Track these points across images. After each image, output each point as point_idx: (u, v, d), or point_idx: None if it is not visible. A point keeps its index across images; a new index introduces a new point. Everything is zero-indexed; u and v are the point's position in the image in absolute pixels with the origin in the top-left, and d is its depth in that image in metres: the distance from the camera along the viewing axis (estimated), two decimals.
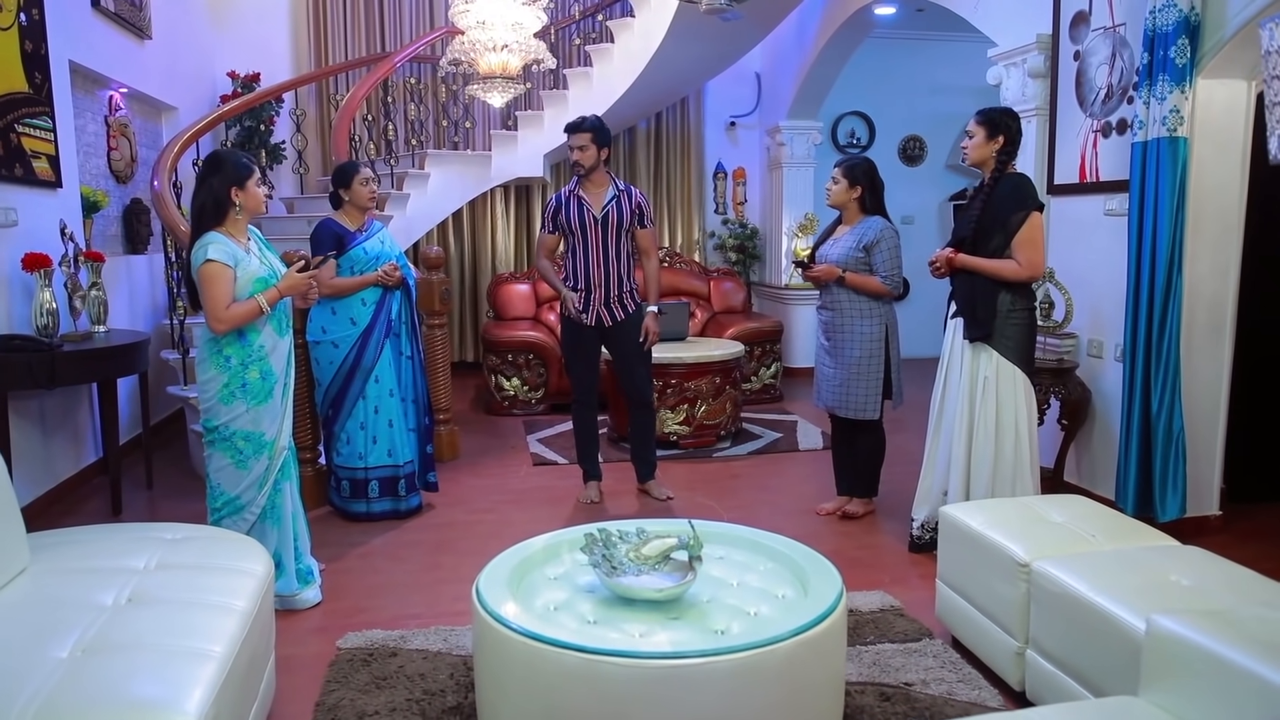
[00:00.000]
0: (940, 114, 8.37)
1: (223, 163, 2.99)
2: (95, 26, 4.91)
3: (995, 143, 3.29)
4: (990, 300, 3.27)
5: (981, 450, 3.35)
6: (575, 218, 4.06)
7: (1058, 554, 2.41)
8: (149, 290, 5.55)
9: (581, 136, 4.00)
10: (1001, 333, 3.29)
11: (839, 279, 3.75)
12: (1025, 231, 3.22)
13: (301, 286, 3.00)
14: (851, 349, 3.81)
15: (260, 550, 2.47)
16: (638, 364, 4.23)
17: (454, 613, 3.10)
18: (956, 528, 2.77)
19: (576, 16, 7.40)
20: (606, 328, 4.15)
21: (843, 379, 3.84)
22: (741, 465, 5.06)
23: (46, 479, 4.29)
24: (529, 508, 4.32)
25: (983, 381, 3.32)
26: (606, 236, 4.06)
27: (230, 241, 2.95)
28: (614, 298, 4.12)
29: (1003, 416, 3.31)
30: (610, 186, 4.11)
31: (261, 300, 2.93)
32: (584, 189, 4.09)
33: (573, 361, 4.26)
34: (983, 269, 3.28)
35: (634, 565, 2.26)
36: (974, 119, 3.35)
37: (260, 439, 3.03)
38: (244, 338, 2.98)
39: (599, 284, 4.09)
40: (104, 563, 2.27)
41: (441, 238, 7.70)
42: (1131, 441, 3.61)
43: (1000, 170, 3.31)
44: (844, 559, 3.54)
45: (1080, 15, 4.05)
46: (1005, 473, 3.34)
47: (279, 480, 3.09)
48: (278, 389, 3.05)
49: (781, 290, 7.70)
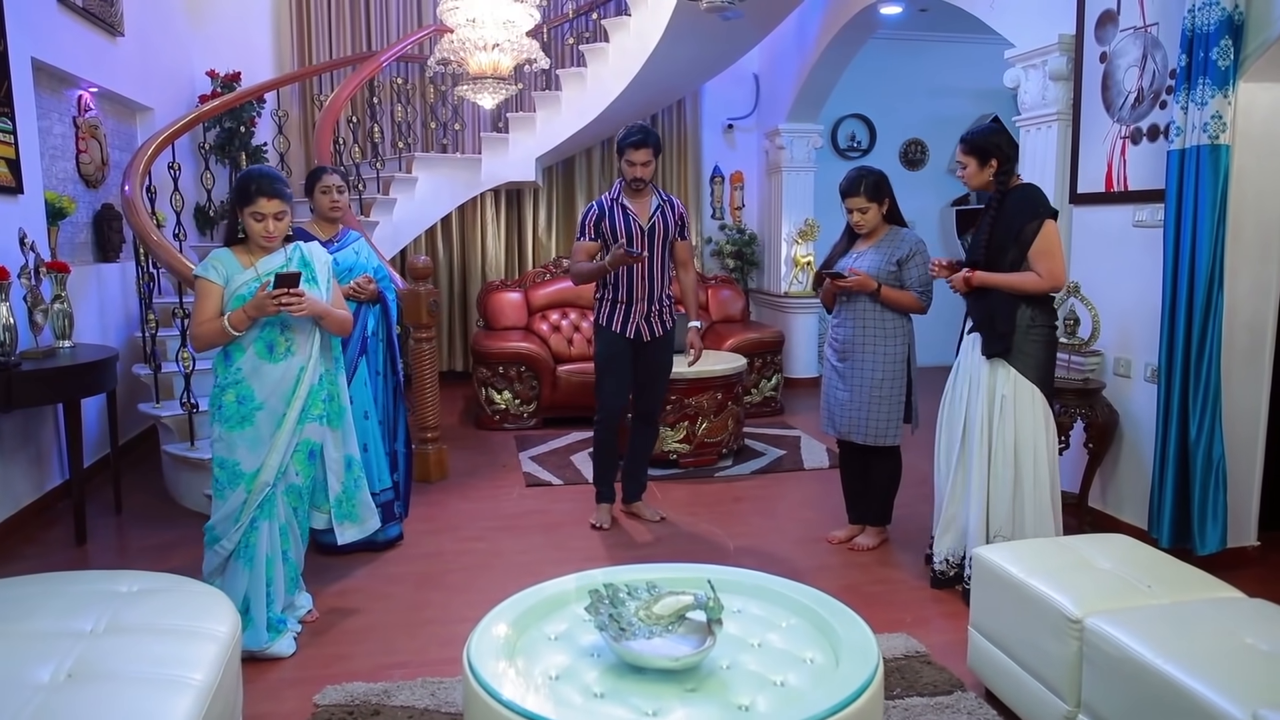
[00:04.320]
0: (942, 117, 8.17)
1: (237, 183, 2.85)
2: (61, 22, 4.63)
3: (989, 167, 3.18)
4: (1009, 314, 3.11)
5: (1001, 475, 3.17)
6: (621, 228, 3.87)
7: (1112, 608, 2.18)
8: (121, 301, 5.27)
9: (645, 152, 3.83)
10: (1021, 349, 3.13)
11: (874, 292, 3.51)
12: (1041, 241, 3.07)
13: (269, 308, 2.71)
14: (873, 369, 3.58)
15: (226, 606, 2.20)
16: (660, 379, 4.10)
17: (442, 660, 2.85)
18: (993, 573, 2.53)
19: (570, 15, 7.15)
20: (644, 342, 3.97)
21: (861, 402, 3.60)
22: (745, 486, 4.81)
23: (5, 505, 4.01)
24: (521, 534, 4.07)
25: (1000, 401, 3.14)
26: (652, 247, 3.88)
27: (232, 259, 2.83)
28: (654, 312, 3.95)
29: (1021, 438, 3.13)
30: (654, 196, 3.95)
31: (225, 321, 2.73)
32: (628, 197, 3.91)
33: (605, 376, 4.00)
34: (1003, 284, 3.12)
35: (644, 626, 2.01)
36: (960, 149, 3.23)
37: (235, 468, 2.81)
38: (228, 358, 2.82)
39: (641, 297, 3.90)
40: (45, 624, 2.01)
41: (430, 244, 7.44)
42: (1167, 469, 3.39)
43: (1004, 186, 3.18)
44: (860, 595, 3.33)
45: (1107, 14, 3.82)
46: (1026, 500, 3.15)
47: (256, 518, 2.84)
48: (262, 417, 2.81)
49: (781, 298, 7.47)
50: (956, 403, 3.31)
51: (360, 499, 3.11)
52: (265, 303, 2.70)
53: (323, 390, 2.95)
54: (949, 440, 3.34)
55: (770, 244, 7.73)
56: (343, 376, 3.10)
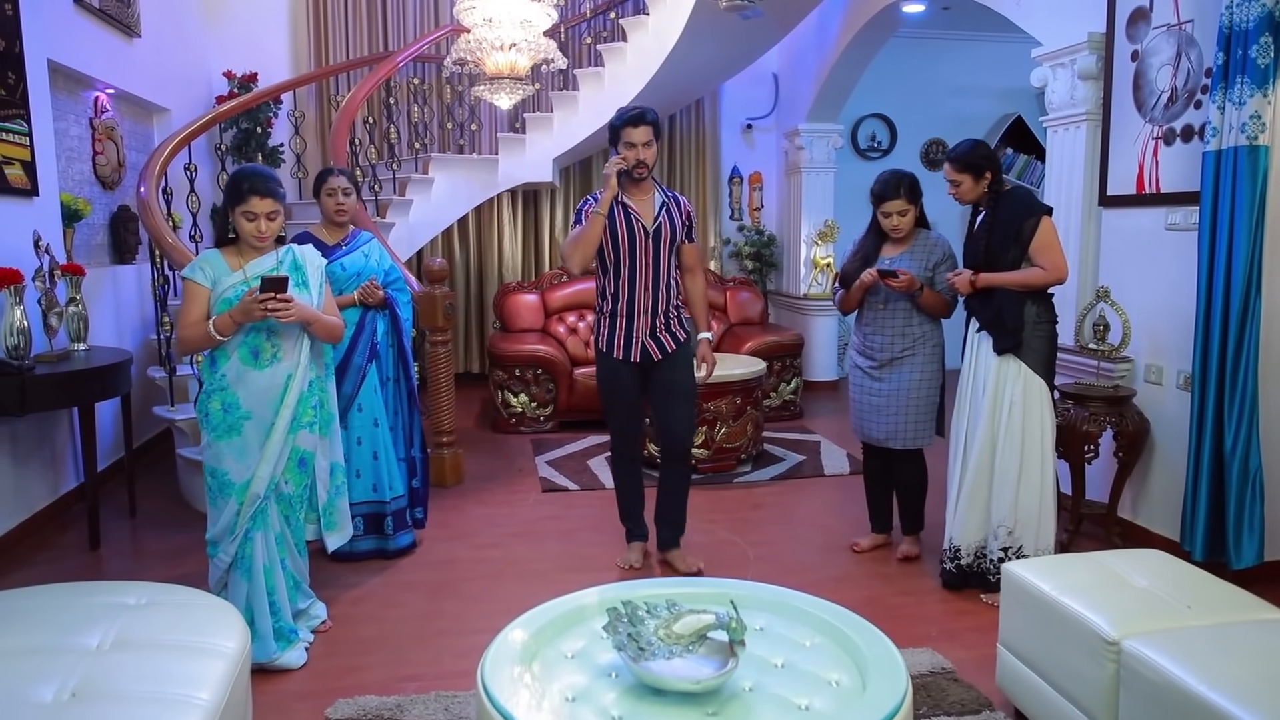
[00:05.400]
0: (964, 116, 8.03)
1: (229, 181, 2.78)
2: (77, 23, 4.61)
3: (984, 179, 3.23)
4: (1018, 310, 3.17)
5: (1006, 468, 3.20)
6: (623, 230, 3.35)
7: (1150, 630, 2.09)
8: (137, 303, 5.25)
9: (643, 130, 3.27)
10: (1029, 345, 3.18)
11: (916, 292, 3.42)
12: (1041, 237, 3.13)
13: (255, 313, 2.62)
14: (910, 374, 3.51)
15: (235, 619, 2.15)
16: (680, 403, 3.50)
17: (457, 673, 2.79)
18: (1023, 589, 2.45)
19: (588, 14, 7.10)
20: (654, 363, 3.46)
21: (899, 408, 3.52)
22: (764, 493, 4.74)
23: (20, 509, 3.99)
24: (537, 541, 4.01)
25: (1009, 396, 3.18)
26: (658, 252, 3.39)
27: (220, 260, 2.75)
28: (662, 327, 3.44)
29: (1029, 431, 3.18)
30: (657, 193, 3.43)
31: (210, 325, 2.66)
32: (628, 194, 3.38)
33: (612, 405, 3.57)
34: (1010, 281, 3.18)
35: (664, 646, 1.94)
36: (952, 167, 3.26)
37: (224, 478, 2.75)
38: (213, 363, 2.75)
39: (645, 310, 3.41)
40: (50, 639, 1.96)
41: (446, 245, 7.40)
42: (1201, 480, 3.29)
43: (996, 192, 3.23)
44: (882, 608, 3.26)
45: (1139, 12, 3.72)
46: (1030, 492, 3.18)
47: (250, 529, 2.77)
48: (249, 427, 2.73)
49: (800, 300, 7.38)
50: (964, 402, 3.33)
51: (339, 506, 3.05)
52: (251, 308, 2.61)
53: (313, 397, 2.86)
54: (958, 438, 3.36)
55: (789, 245, 7.64)
56: (332, 383, 3.03)
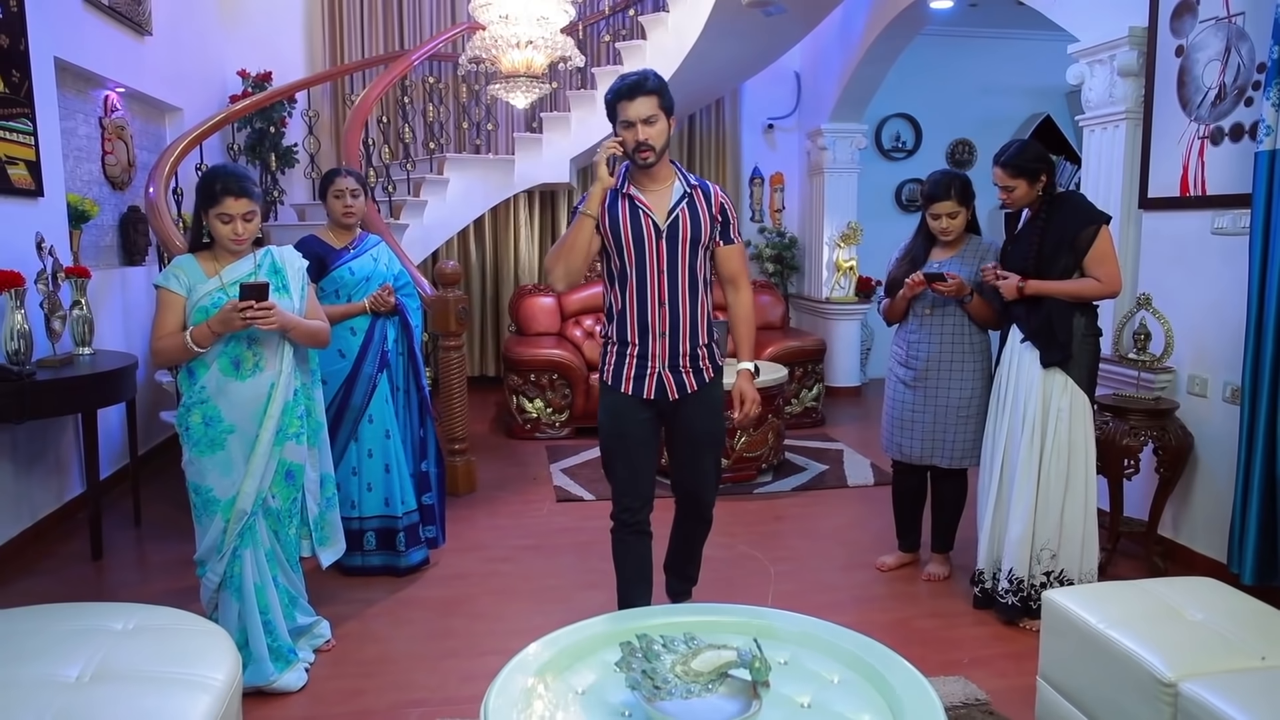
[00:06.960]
0: (991, 116, 7.84)
1: (200, 182, 2.62)
2: (86, 21, 4.52)
3: (1039, 183, 3.08)
4: (1067, 322, 3.01)
5: (1051, 486, 3.02)
6: (628, 229, 2.64)
7: (1210, 671, 1.93)
8: (146, 306, 5.16)
9: (646, 102, 2.56)
10: (1076, 358, 3.03)
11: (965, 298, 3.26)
12: (1099, 247, 2.99)
13: (235, 323, 2.48)
14: (960, 387, 3.33)
15: (227, 646, 2.03)
16: (705, 455, 2.82)
17: (465, 699, 2.66)
18: (1067, 620, 2.29)
19: (606, 11, 6.95)
20: (672, 402, 2.73)
21: (947, 424, 3.35)
22: (785, 504, 4.58)
23: (23, 516, 3.91)
24: (551, 555, 3.87)
25: (1055, 411, 3.02)
26: (675, 257, 2.65)
27: (195, 267, 2.62)
28: (684, 355, 2.69)
29: (1074, 446, 3.02)
30: (677, 181, 2.70)
31: (186, 336, 2.52)
32: (638, 184, 2.68)
33: (616, 455, 2.76)
34: (1063, 291, 3.01)
35: (681, 684, 1.80)
36: (1004, 173, 3.10)
37: (208, 494, 2.62)
38: (191, 375, 2.60)
39: (661, 333, 2.66)
40: (29, 670, 1.84)
41: (462, 247, 7.29)
42: (1251, 499, 3.10)
43: (1050, 194, 3.08)
44: (911, 632, 3.11)
45: (1185, 4, 3.54)
46: (1075, 510, 3.03)
47: (238, 547, 2.64)
48: (233, 441, 2.60)
49: (823, 304, 7.22)
50: (1000, 417, 3.15)
51: (330, 519, 2.92)
52: (231, 317, 2.47)
53: (298, 406, 2.72)
54: (993, 454, 3.18)
55: (811, 248, 7.48)
56: (319, 390, 2.89)
